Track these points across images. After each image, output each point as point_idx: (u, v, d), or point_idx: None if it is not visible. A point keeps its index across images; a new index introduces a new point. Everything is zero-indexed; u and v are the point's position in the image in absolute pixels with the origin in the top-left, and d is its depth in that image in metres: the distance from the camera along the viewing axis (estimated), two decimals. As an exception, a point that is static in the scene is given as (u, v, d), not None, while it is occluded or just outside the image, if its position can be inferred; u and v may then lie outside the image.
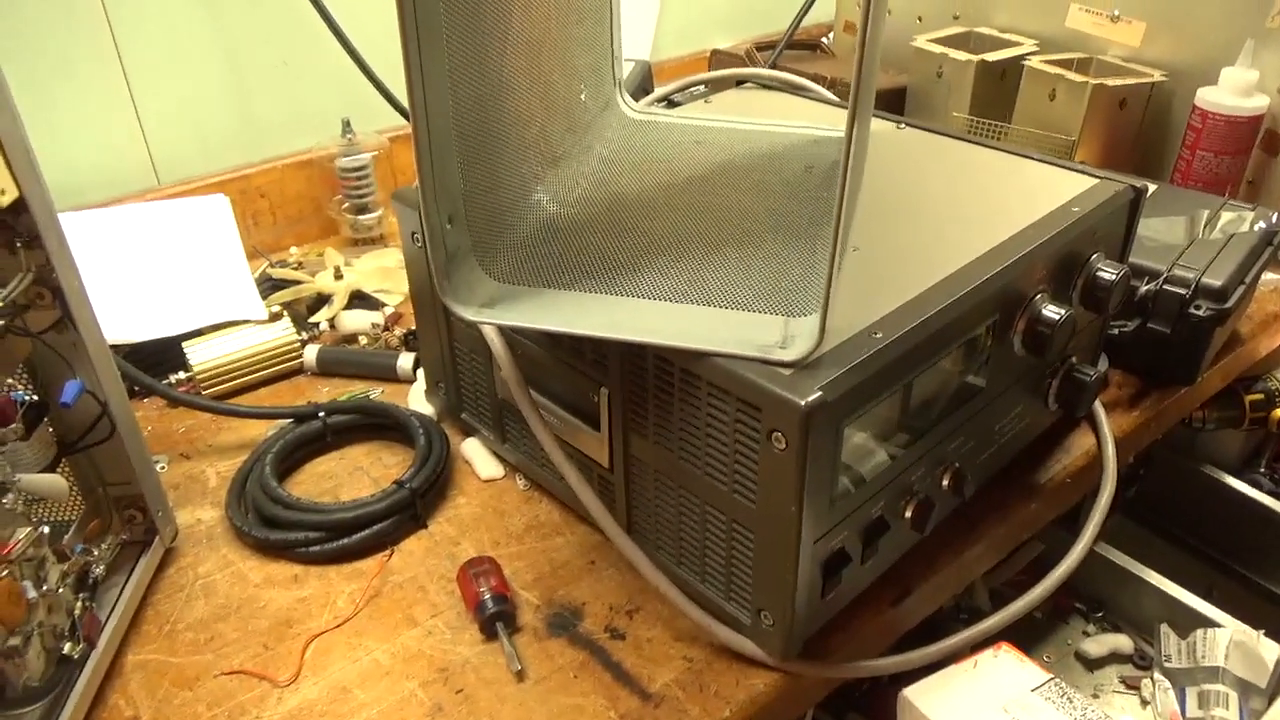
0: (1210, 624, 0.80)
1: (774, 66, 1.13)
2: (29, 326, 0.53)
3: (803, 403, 0.45)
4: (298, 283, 0.91)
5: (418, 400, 0.78)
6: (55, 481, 0.54)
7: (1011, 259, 0.56)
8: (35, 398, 0.54)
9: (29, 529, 0.50)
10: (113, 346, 0.57)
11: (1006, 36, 1.05)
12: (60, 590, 0.52)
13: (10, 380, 0.53)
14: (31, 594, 0.49)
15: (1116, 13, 0.98)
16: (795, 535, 0.49)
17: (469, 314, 0.51)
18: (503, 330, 0.61)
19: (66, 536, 0.57)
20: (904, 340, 0.50)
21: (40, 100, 0.89)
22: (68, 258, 0.52)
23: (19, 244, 0.51)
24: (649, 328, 0.50)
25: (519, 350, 0.61)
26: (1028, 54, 1.00)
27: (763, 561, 0.52)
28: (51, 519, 0.58)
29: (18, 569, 0.49)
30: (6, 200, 0.48)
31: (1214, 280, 0.72)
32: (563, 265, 0.55)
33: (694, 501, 0.55)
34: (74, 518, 0.59)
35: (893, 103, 1.07)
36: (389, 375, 0.81)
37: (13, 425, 0.51)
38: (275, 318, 0.83)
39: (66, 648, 0.52)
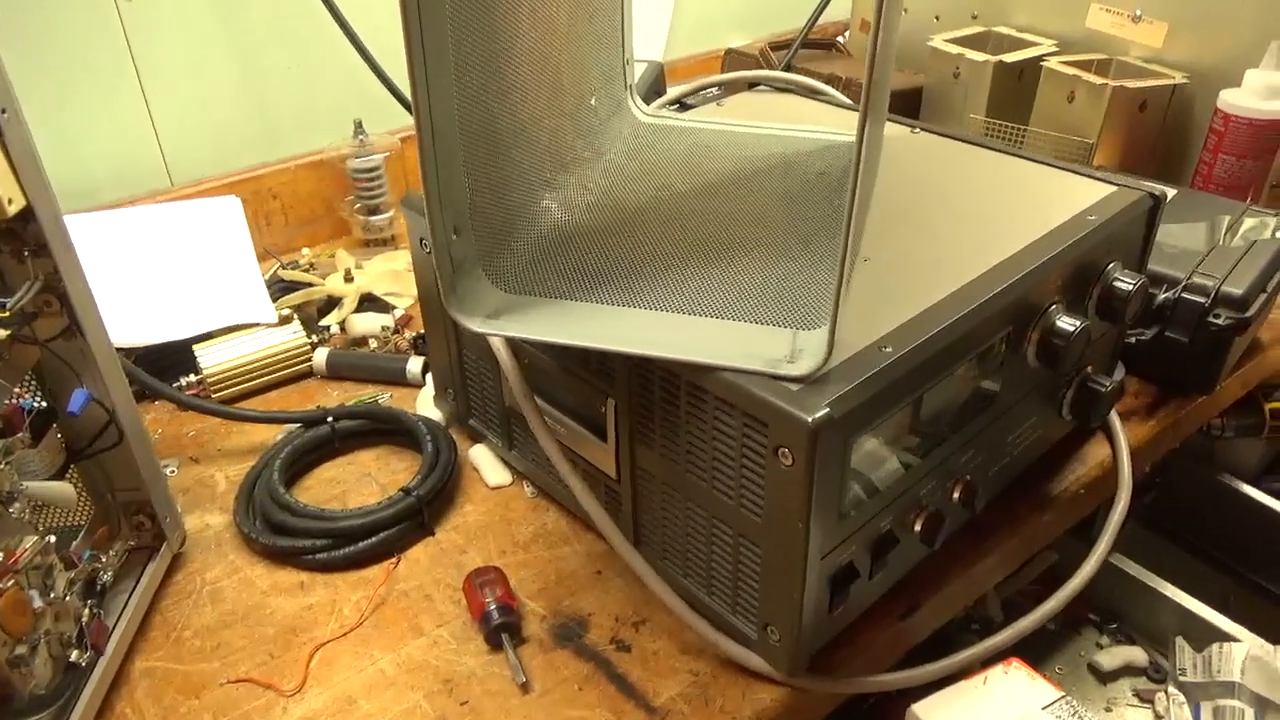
0: (1227, 638, 0.79)
1: (789, 66, 1.12)
2: (37, 334, 0.53)
3: (810, 419, 0.44)
4: (308, 284, 0.91)
5: (426, 405, 0.77)
6: (63, 489, 0.54)
7: (1025, 270, 0.56)
8: (43, 404, 0.54)
9: (35, 537, 0.50)
10: (123, 349, 0.57)
11: (1025, 37, 1.03)
12: (68, 598, 0.53)
13: (18, 389, 0.53)
14: (38, 603, 0.49)
15: (1138, 13, 0.96)
16: (802, 550, 0.48)
17: (475, 325, 0.51)
18: (509, 340, 0.61)
19: (75, 543, 0.57)
20: (914, 355, 0.49)
21: (54, 100, 0.89)
22: (75, 265, 0.52)
23: (27, 252, 0.51)
24: (655, 340, 0.50)
25: (526, 359, 0.61)
26: (1046, 54, 0.98)
27: (770, 576, 0.51)
28: (60, 525, 0.58)
29: (24, 578, 0.49)
30: (14, 209, 0.48)
31: (1234, 289, 0.71)
32: (570, 275, 0.55)
33: (701, 515, 0.54)
34: (83, 523, 0.59)
35: (909, 103, 1.06)
36: (398, 379, 0.81)
37: (20, 434, 0.51)
38: (285, 321, 0.83)
39: (74, 655, 0.53)
